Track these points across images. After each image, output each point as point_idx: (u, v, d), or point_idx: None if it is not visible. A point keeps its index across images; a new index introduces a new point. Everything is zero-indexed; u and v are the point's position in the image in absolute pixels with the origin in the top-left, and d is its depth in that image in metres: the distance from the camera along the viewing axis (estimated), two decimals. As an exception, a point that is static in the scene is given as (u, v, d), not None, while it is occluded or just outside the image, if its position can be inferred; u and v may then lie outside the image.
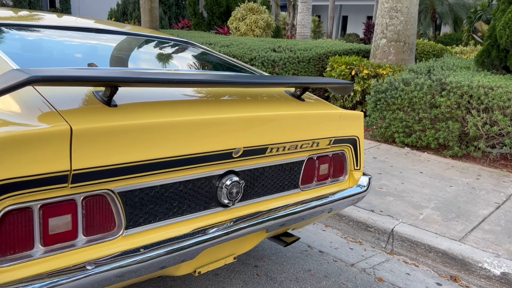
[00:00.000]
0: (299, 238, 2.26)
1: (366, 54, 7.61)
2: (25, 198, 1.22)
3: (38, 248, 1.28)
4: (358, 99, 6.14)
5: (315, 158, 2.07)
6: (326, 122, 1.99)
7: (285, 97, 2.04)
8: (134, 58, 2.36)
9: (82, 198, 1.33)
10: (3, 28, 2.00)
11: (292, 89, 2.09)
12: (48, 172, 1.20)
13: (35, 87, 1.38)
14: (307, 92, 2.11)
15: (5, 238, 1.21)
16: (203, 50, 2.75)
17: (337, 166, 2.20)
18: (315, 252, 2.96)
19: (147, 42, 2.60)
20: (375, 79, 5.71)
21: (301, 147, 1.93)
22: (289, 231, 2.30)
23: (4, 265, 1.22)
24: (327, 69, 6.58)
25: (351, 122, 2.12)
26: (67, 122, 1.23)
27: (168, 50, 2.61)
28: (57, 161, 1.21)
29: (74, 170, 1.24)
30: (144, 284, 2.39)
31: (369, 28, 17.86)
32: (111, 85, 1.35)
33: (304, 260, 2.83)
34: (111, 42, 2.39)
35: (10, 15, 2.33)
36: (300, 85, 1.97)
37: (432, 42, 8.49)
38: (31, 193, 1.21)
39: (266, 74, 2.49)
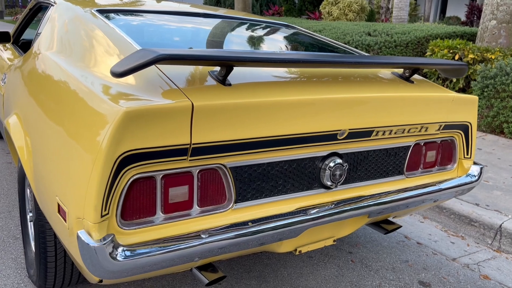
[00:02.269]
0: (401, 226, 2.18)
1: (471, 38, 7.03)
2: (150, 168, 1.32)
3: (159, 215, 1.39)
4: (461, 86, 5.71)
5: (422, 144, 1.98)
6: (437, 105, 1.88)
7: (393, 78, 1.96)
8: (241, 40, 2.43)
9: (198, 171, 1.41)
10: (114, 14, 2.15)
11: (400, 71, 2.01)
12: (171, 145, 1.29)
13: (157, 66, 1.48)
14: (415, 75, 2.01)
15: (132, 204, 1.33)
16: (304, 32, 2.74)
17: (445, 154, 2.07)
18: (413, 244, 2.85)
19: (251, 25, 2.66)
20: (482, 64, 5.25)
21: (408, 132, 1.85)
22: (390, 218, 2.23)
23: (131, 228, 1.34)
24: (427, 54, 6.20)
25: (464, 107, 1.98)
26: (188, 98, 1.30)
27: (271, 32, 2.64)
28: (179, 135, 1.29)
29: (193, 144, 1.32)
30: (241, 259, 2.48)
31: (473, 10, 16.42)
32: (228, 64, 1.40)
33: (401, 251, 2.74)
34: (214, 25, 2.48)
35: (119, 2, 2.50)
36: (410, 65, 1.88)
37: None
38: (155, 163, 1.31)
39: (368, 55, 2.41)
